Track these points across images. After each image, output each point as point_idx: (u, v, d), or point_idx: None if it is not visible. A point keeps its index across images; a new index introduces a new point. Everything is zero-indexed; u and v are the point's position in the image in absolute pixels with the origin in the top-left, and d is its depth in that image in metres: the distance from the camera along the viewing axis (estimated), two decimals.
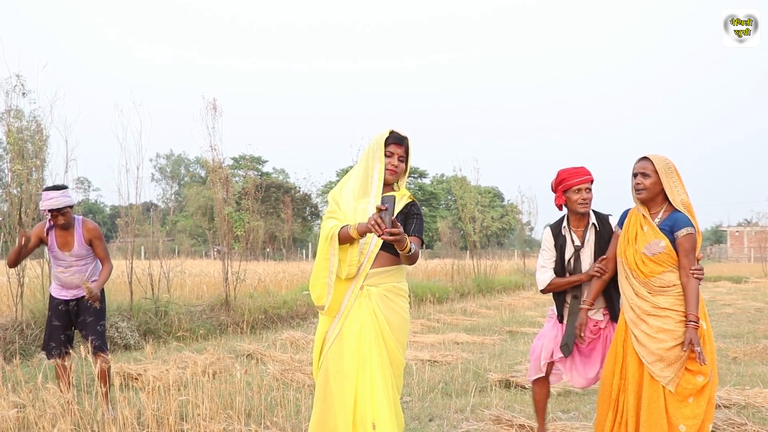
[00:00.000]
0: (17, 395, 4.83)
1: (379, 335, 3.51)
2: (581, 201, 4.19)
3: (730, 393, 5.83)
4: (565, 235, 4.33)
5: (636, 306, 3.89)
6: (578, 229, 4.31)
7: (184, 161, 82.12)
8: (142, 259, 12.11)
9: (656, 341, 3.81)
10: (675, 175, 3.89)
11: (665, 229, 3.86)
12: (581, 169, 4.25)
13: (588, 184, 4.21)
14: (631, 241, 3.95)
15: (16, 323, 8.25)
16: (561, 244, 4.34)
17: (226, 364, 6.97)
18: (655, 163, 3.88)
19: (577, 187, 4.19)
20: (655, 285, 3.86)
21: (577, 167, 4.27)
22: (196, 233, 51.42)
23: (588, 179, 4.21)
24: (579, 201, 4.19)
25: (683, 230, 3.81)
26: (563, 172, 4.26)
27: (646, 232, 3.89)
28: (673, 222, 3.84)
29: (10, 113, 8.87)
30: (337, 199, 3.67)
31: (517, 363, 7.52)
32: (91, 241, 5.47)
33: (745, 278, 26.11)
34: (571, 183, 4.20)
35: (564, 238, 4.34)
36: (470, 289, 17.75)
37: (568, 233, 4.32)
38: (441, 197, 57.99)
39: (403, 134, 3.68)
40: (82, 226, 5.45)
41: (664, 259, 3.83)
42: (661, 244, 3.82)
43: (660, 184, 3.88)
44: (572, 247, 4.29)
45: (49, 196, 5.25)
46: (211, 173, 12.01)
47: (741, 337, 9.89)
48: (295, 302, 12.30)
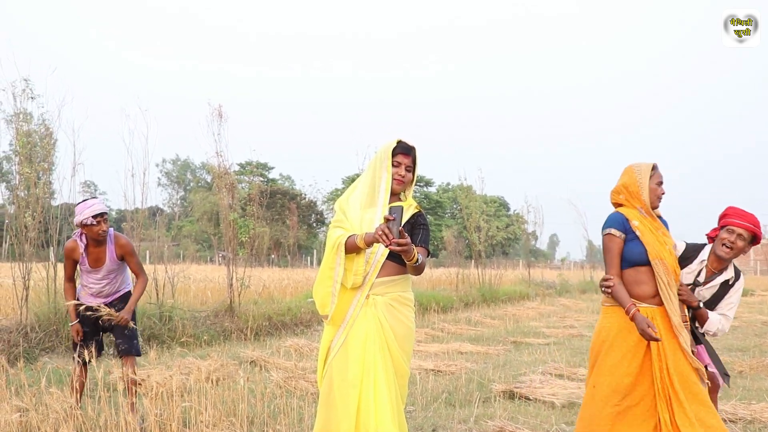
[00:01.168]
0: (20, 399, 4.83)
1: (384, 344, 3.51)
2: (726, 242, 4.00)
3: (736, 408, 5.80)
4: (697, 263, 4.15)
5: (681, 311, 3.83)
6: (711, 268, 4.13)
7: (190, 166, 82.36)
8: (147, 263, 12.13)
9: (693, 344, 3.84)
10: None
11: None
12: (750, 216, 4.03)
13: (744, 231, 3.98)
14: (661, 242, 3.84)
15: (20, 326, 8.25)
16: (688, 264, 4.16)
17: (229, 371, 6.96)
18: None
19: (731, 228, 4.01)
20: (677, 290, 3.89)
21: (748, 213, 4.05)
22: (201, 238, 51.49)
23: (749, 228, 3.99)
24: (725, 241, 4.00)
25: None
26: (731, 209, 4.08)
27: (665, 234, 3.92)
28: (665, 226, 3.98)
29: (20, 117, 8.89)
30: (344, 208, 3.67)
31: (521, 374, 7.49)
32: (124, 256, 5.43)
33: (752, 291, 25.96)
34: (730, 221, 4.03)
35: (693, 260, 4.16)
36: (475, 299, 17.70)
37: (700, 264, 4.14)
38: (446, 206, 57.98)
39: (410, 144, 3.68)
40: (114, 242, 5.38)
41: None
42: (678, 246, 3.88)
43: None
44: (693, 278, 4.12)
45: (88, 205, 5.19)
46: (217, 179, 12.01)
47: (747, 350, 9.84)
48: (299, 309, 12.28)
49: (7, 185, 10.51)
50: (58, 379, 6.14)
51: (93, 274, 5.40)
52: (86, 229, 5.20)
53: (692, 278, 4.13)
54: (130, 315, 5.32)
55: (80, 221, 5.16)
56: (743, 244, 3.98)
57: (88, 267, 5.37)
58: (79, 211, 5.19)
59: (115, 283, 5.49)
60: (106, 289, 5.45)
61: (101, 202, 5.30)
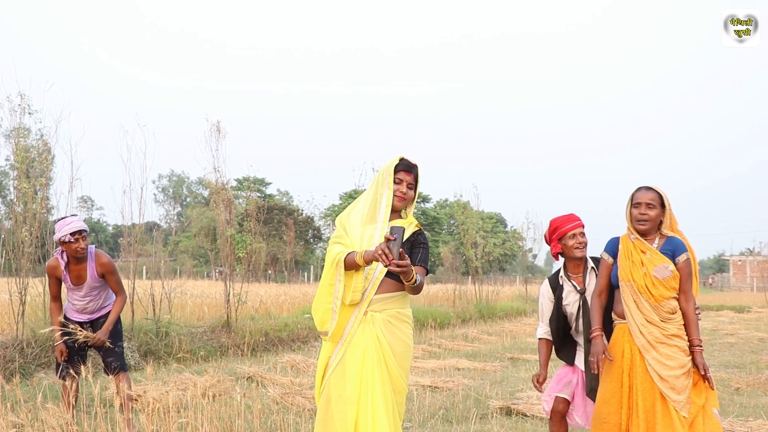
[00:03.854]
0: (16, 415, 4.81)
1: (382, 361, 3.51)
2: (577, 245, 4.29)
3: (733, 425, 5.79)
4: (563, 284, 4.40)
5: (647, 332, 3.88)
6: (577, 275, 4.38)
7: (185, 181, 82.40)
8: (144, 279, 12.12)
9: (667, 368, 3.82)
10: (669, 206, 4.01)
11: (667, 254, 3.91)
12: (571, 216, 4.38)
13: (581, 228, 4.32)
14: (637, 264, 3.94)
15: (16, 341, 8.22)
16: (559, 295, 4.40)
17: (226, 387, 6.94)
18: (663, 196, 3.97)
19: (572, 232, 4.30)
20: (664, 311, 3.88)
21: (567, 215, 4.39)
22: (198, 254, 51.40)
23: (580, 224, 4.33)
24: (575, 246, 4.29)
25: (683, 255, 3.90)
26: (555, 221, 4.38)
27: (650, 257, 3.91)
28: (674, 247, 3.92)
29: (18, 132, 8.91)
30: (344, 224, 3.69)
31: (518, 390, 7.48)
32: (104, 275, 5.45)
33: (748, 308, 25.99)
34: (564, 230, 4.31)
35: (562, 288, 4.40)
36: (472, 315, 17.70)
37: (567, 281, 4.39)
38: (444, 222, 58.04)
39: (412, 162, 3.71)
40: (95, 260, 5.40)
41: (672, 284, 3.87)
42: (669, 268, 3.87)
43: (661, 216, 3.97)
44: (575, 293, 4.33)
45: (67, 222, 5.24)
46: (215, 194, 12.03)
47: (744, 367, 9.84)
48: (296, 325, 12.27)
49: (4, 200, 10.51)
50: (54, 394, 6.12)
51: (76, 291, 5.43)
52: (65, 246, 5.25)
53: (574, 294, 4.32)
54: (106, 336, 5.35)
55: (59, 238, 5.22)
56: (585, 237, 4.32)
57: (70, 284, 5.42)
58: (58, 228, 5.25)
59: (99, 299, 5.52)
60: (90, 306, 5.48)
61: (79, 219, 5.35)
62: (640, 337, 3.91)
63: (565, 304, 4.36)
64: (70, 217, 5.32)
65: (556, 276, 4.46)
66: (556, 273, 4.48)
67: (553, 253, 4.41)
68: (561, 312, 4.39)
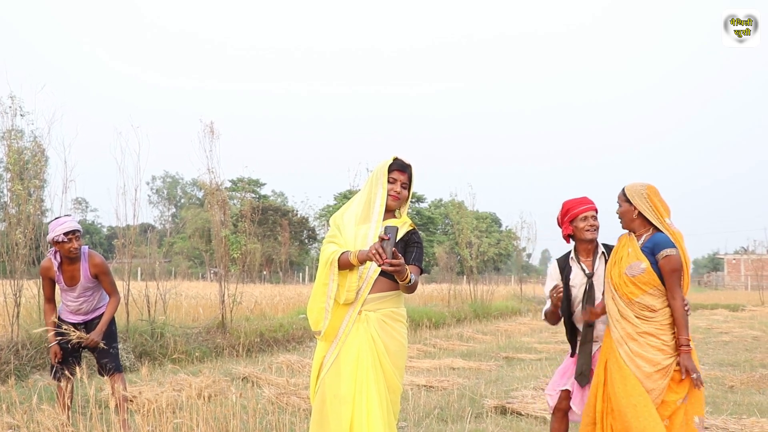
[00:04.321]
0: (12, 416, 4.82)
1: (377, 360, 3.52)
2: (588, 227, 4.23)
3: (726, 422, 5.82)
4: (572, 266, 4.35)
5: (620, 327, 3.92)
6: (587, 259, 4.32)
7: (179, 183, 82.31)
8: (139, 280, 12.12)
9: (635, 365, 3.84)
10: (649, 200, 3.98)
11: (646, 250, 3.92)
12: (584, 199, 4.30)
13: (593, 212, 4.26)
14: (617, 262, 4.00)
15: (11, 343, 8.21)
16: (567, 276, 4.36)
17: (221, 387, 6.94)
18: (626, 192, 4.05)
19: (583, 215, 4.23)
20: (639, 308, 3.89)
21: (580, 197, 4.33)
22: (193, 255, 51.37)
23: (592, 207, 4.26)
24: (586, 228, 4.23)
25: (662, 252, 3.85)
26: (568, 203, 4.31)
27: (630, 253, 3.95)
28: (654, 244, 3.91)
29: (11, 134, 8.89)
30: (339, 224, 3.70)
31: (513, 389, 7.50)
32: (97, 275, 5.44)
33: (742, 306, 26.06)
34: (576, 212, 4.24)
35: (570, 269, 4.35)
36: (467, 315, 17.72)
37: (576, 263, 4.34)
38: (438, 222, 58.05)
39: (406, 162, 3.73)
40: (88, 260, 5.39)
41: (645, 280, 3.86)
42: (642, 266, 3.86)
43: (631, 211, 4.01)
44: (582, 276, 4.29)
45: (60, 222, 5.24)
46: (209, 195, 12.03)
47: (738, 365, 9.88)
48: (291, 326, 12.27)
49: None
50: (49, 396, 6.12)
51: (70, 292, 5.43)
52: (58, 246, 5.25)
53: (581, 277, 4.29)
54: (100, 337, 5.33)
55: (52, 238, 5.22)
56: (597, 221, 4.25)
57: (64, 285, 5.41)
58: (52, 229, 5.25)
59: (93, 300, 5.51)
60: (83, 307, 5.48)
61: (73, 219, 5.34)
62: (614, 330, 3.96)
63: (571, 285, 4.31)
64: (63, 217, 5.32)
65: (566, 257, 4.41)
66: (566, 254, 4.43)
67: (563, 235, 4.36)
68: (567, 293, 4.36)
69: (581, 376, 4.22)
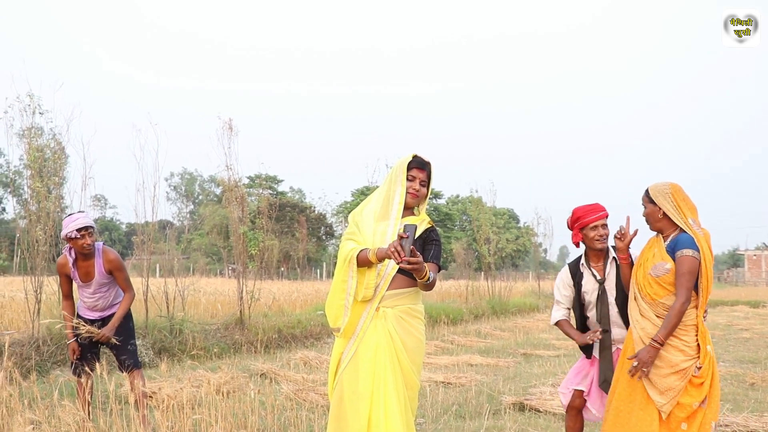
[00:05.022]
0: (33, 412, 4.85)
1: (395, 357, 3.52)
2: (598, 237, 4.21)
3: (747, 420, 5.76)
4: (583, 271, 4.34)
5: (640, 328, 3.89)
6: (598, 264, 4.31)
7: (198, 180, 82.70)
8: (158, 276, 12.18)
9: (653, 367, 3.80)
10: (672, 199, 3.91)
11: (669, 251, 3.87)
12: (596, 206, 4.26)
13: (604, 220, 4.22)
14: (643, 263, 3.97)
15: (32, 340, 8.30)
16: (579, 282, 4.35)
17: (239, 383, 6.98)
18: (650, 192, 3.97)
19: (594, 224, 4.21)
20: (662, 309, 3.85)
21: (591, 204, 4.29)
22: (211, 252, 51.61)
23: (603, 215, 4.23)
24: (596, 237, 4.21)
25: (680, 251, 3.79)
26: (578, 210, 4.28)
27: (656, 254, 3.91)
28: (675, 243, 3.86)
29: (31, 131, 8.97)
30: (357, 221, 3.70)
31: (531, 386, 7.47)
32: (112, 271, 5.47)
33: (763, 303, 25.83)
34: (587, 221, 4.22)
35: (582, 275, 4.35)
36: (484, 311, 17.69)
37: (587, 269, 4.33)
38: (456, 218, 57.95)
39: (425, 159, 3.73)
40: (103, 256, 5.42)
41: (669, 281, 3.82)
42: (666, 266, 3.82)
43: (657, 212, 3.94)
44: (593, 282, 4.28)
45: (73, 218, 5.27)
46: (227, 192, 12.08)
47: (759, 362, 9.79)
48: (309, 322, 12.30)
49: (19, 200, 10.58)
50: (70, 392, 6.16)
51: (86, 288, 5.45)
52: (72, 242, 5.27)
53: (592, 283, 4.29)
54: (112, 332, 5.34)
55: (65, 234, 5.24)
56: (607, 229, 4.23)
57: (79, 281, 5.43)
58: (65, 225, 5.27)
59: (108, 296, 5.52)
60: (99, 303, 5.50)
61: (86, 216, 5.35)
62: (634, 331, 3.93)
63: (583, 291, 4.32)
64: (77, 214, 5.35)
65: (577, 263, 4.41)
66: (577, 260, 4.42)
67: (574, 242, 4.35)
68: (580, 299, 4.36)
69: (605, 383, 4.19)
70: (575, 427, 4.43)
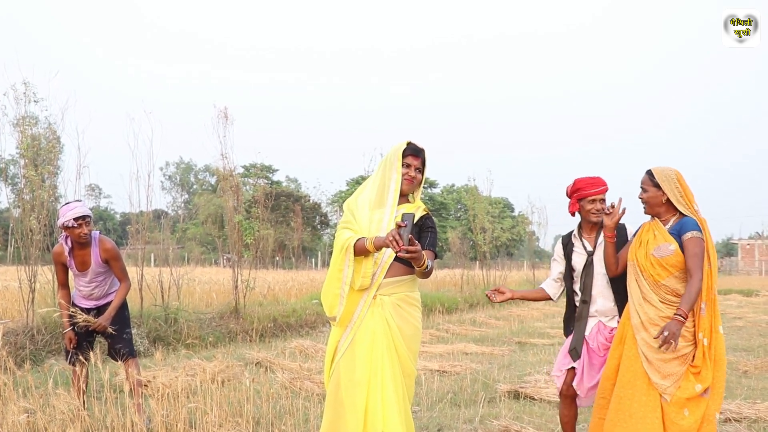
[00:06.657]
0: (27, 401, 4.85)
1: (392, 344, 3.52)
2: (594, 211, 4.24)
3: (740, 407, 5.79)
4: (575, 242, 4.38)
5: (642, 312, 3.88)
6: (590, 236, 4.35)
7: (193, 169, 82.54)
8: (152, 266, 12.16)
9: (654, 351, 3.78)
10: (678, 185, 3.92)
11: (674, 233, 3.88)
12: (597, 180, 4.29)
13: (603, 195, 4.25)
14: (643, 244, 3.97)
15: (27, 329, 8.28)
16: (569, 252, 4.39)
17: (235, 372, 6.98)
18: (655, 175, 3.95)
19: (592, 198, 4.24)
20: (664, 292, 3.85)
21: (593, 177, 4.31)
22: (206, 241, 51.58)
23: (603, 190, 4.25)
24: (592, 211, 4.25)
25: (688, 233, 3.81)
26: (580, 182, 4.30)
27: (657, 236, 3.91)
28: (681, 226, 3.87)
29: (25, 120, 8.92)
30: (353, 209, 3.69)
31: (526, 374, 7.50)
32: (108, 261, 5.45)
33: (756, 291, 25.93)
34: (586, 193, 4.25)
35: (572, 245, 4.39)
36: (480, 300, 17.71)
37: (578, 240, 4.37)
38: (451, 207, 57.96)
39: (420, 146, 3.71)
40: (99, 245, 5.40)
41: (672, 262, 3.83)
42: (671, 247, 3.83)
43: (660, 197, 3.93)
44: (584, 253, 4.32)
45: (71, 207, 5.25)
46: (222, 181, 12.05)
47: (752, 350, 9.83)
48: (304, 311, 12.30)
49: (13, 188, 10.55)
50: (64, 380, 6.16)
51: (82, 277, 5.44)
52: (68, 231, 5.26)
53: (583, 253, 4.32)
54: (108, 321, 5.33)
55: (62, 223, 5.23)
56: (604, 204, 4.25)
57: (75, 270, 5.42)
58: (62, 214, 5.26)
59: (104, 285, 5.51)
60: (95, 292, 5.49)
61: (83, 205, 5.34)
62: (635, 316, 3.92)
63: (573, 262, 4.35)
64: (74, 203, 5.33)
65: (569, 235, 4.45)
66: (570, 232, 4.46)
67: (570, 211, 4.38)
68: (570, 269, 4.38)
69: (573, 351, 4.26)
70: (569, 414, 4.44)
